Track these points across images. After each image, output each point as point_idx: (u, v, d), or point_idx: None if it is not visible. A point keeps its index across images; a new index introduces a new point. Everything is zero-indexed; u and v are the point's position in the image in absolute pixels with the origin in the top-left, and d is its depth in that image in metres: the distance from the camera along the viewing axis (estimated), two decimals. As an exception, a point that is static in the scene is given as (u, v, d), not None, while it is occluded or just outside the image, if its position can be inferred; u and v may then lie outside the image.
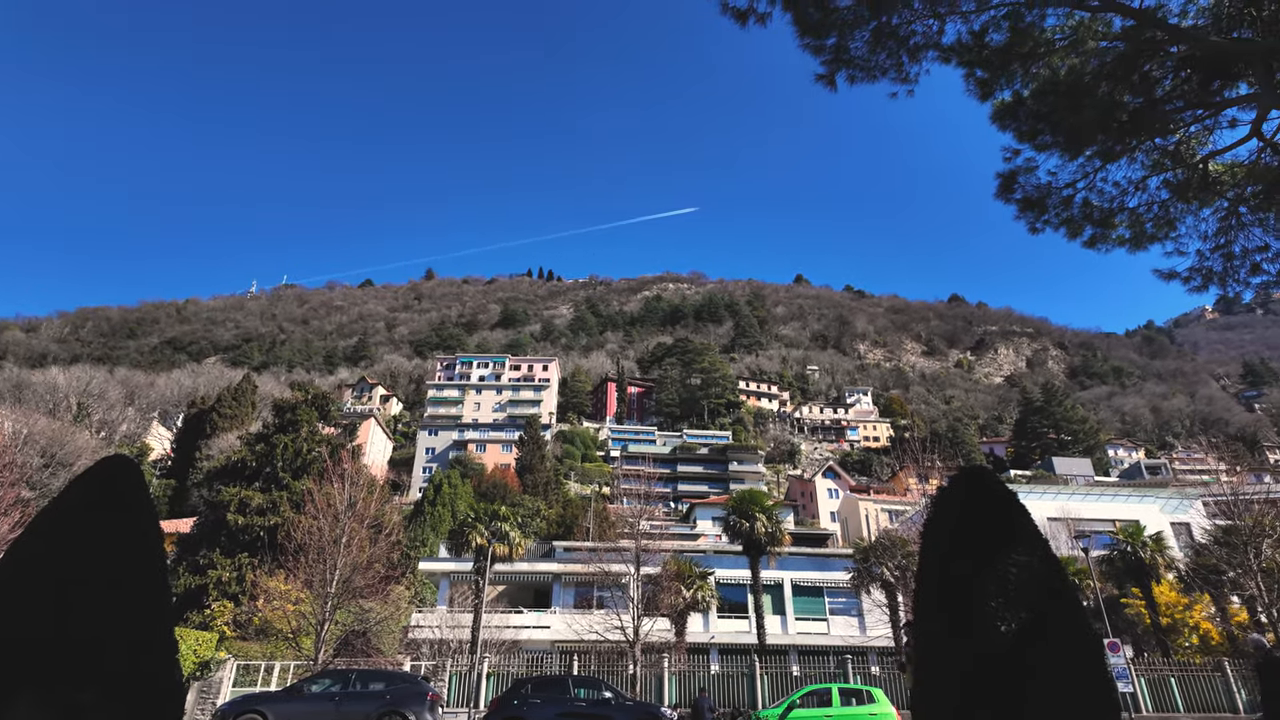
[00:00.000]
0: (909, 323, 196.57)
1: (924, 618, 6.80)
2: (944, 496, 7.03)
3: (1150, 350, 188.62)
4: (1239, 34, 9.58)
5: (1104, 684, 6.06)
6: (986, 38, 10.24)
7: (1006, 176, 11.55)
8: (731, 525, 31.68)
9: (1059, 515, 36.05)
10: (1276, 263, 10.76)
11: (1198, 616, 24.94)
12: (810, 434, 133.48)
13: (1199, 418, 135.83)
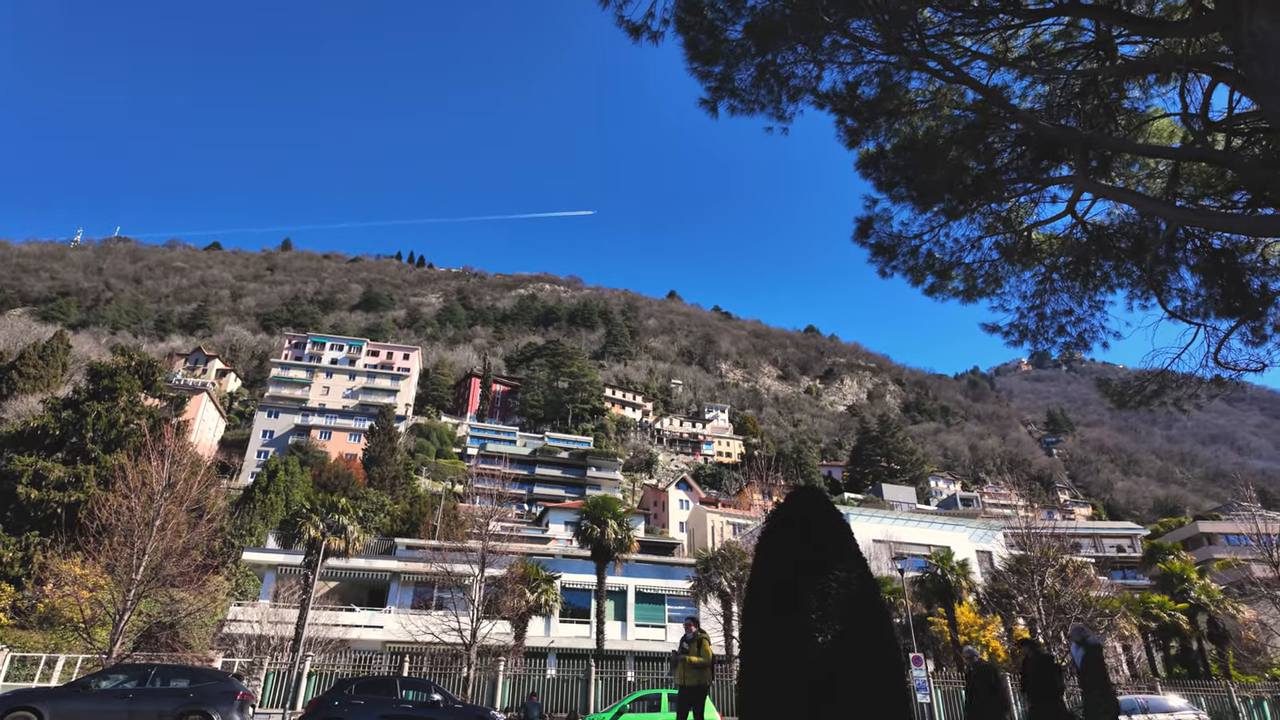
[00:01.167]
0: (768, 347, 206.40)
1: (751, 625, 7.14)
2: (779, 512, 7.44)
3: (974, 394, 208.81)
4: (1066, 121, 10.90)
5: (903, 695, 6.61)
6: (859, 90, 10.99)
7: (864, 222, 12.39)
8: (583, 530, 31.82)
9: (883, 538, 39.06)
10: (1078, 326, 12.17)
11: (989, 635, 27.93)
12: (669, 445, 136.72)
13: (1008, 457, 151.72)
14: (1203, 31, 8.24)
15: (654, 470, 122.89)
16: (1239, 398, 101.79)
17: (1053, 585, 22.72)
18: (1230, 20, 6.66)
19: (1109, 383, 11.75)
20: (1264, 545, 27.78)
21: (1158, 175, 10.91)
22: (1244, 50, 6.48)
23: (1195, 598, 30.71)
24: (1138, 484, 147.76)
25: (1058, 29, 10.48)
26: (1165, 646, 32.53)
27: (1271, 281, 10.73)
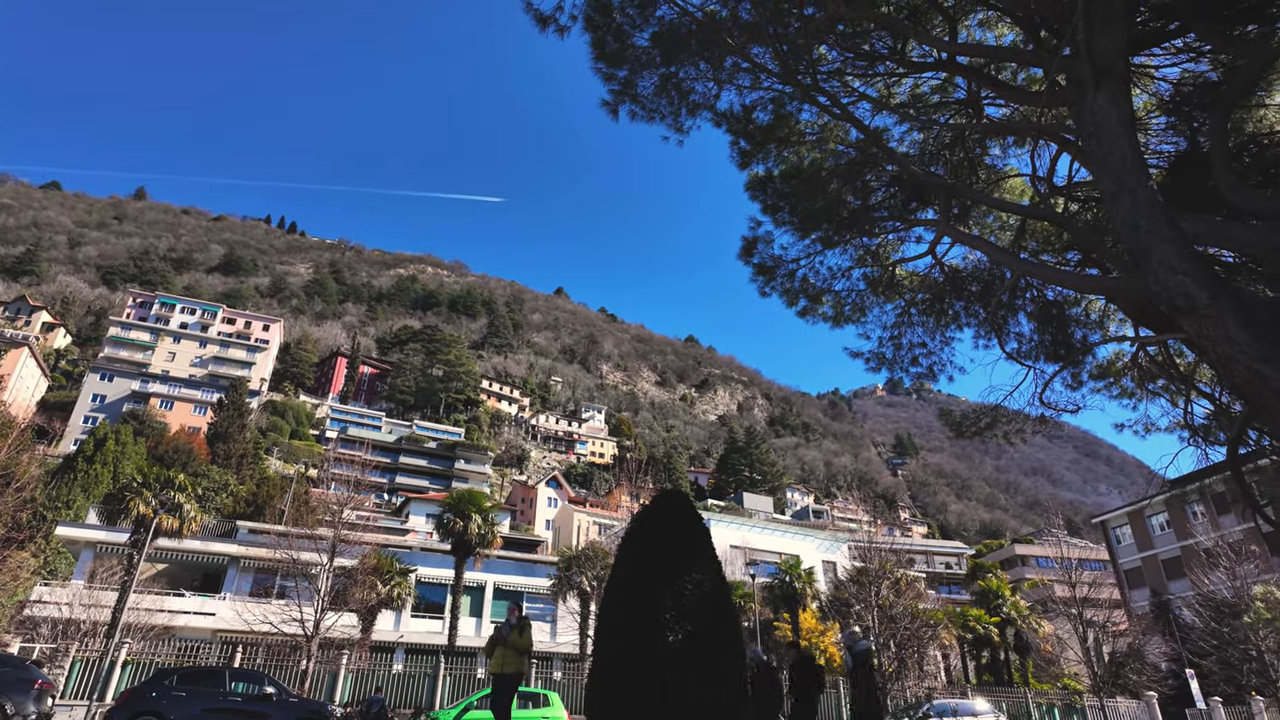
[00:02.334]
0: (650, 353, 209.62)
1: (605, 623, 7.23)
2: (643, 514, 7.59)
3: (833, 413, 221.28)
4: (935, 169, 11.81)
5: (743, 695, 6.91)
6: (754, 114, 11.43)
7: (749, 242, 12.86)
8: (445, 523, 30.97)
9: (740, 544, 40.60)
10: (929, 359, 13.16)
11: (828, 641, 29.79)
12: (543, 442, 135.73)
13: (858, 475, 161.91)
14: (1055, 104, 9.19)
15: (525, 466, 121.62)
16: (1058, 436, 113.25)
17: (887, 596, 24.57)
18: (1077, 97, 7.46)
19: (950, 413, 12.79)
20: (1065, 568, 31.30)
21: (1008, 228, 12.04)
22: (1084, 126, 7.29)
23: (1006, 613, 34.12)
24: (968, 508, 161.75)
25: (935, 83, 11.35)
26: (978, 656, 35.87)
27: (1091, 334, 12.11)
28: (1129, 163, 6.92)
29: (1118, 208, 6.86)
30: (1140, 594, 49.10)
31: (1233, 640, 27.19)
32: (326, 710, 15.36)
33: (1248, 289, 8.86)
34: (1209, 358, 6.76)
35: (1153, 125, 10.85)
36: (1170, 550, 47.58)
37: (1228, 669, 28.20)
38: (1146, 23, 9.19)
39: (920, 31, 9.33)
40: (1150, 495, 45.74)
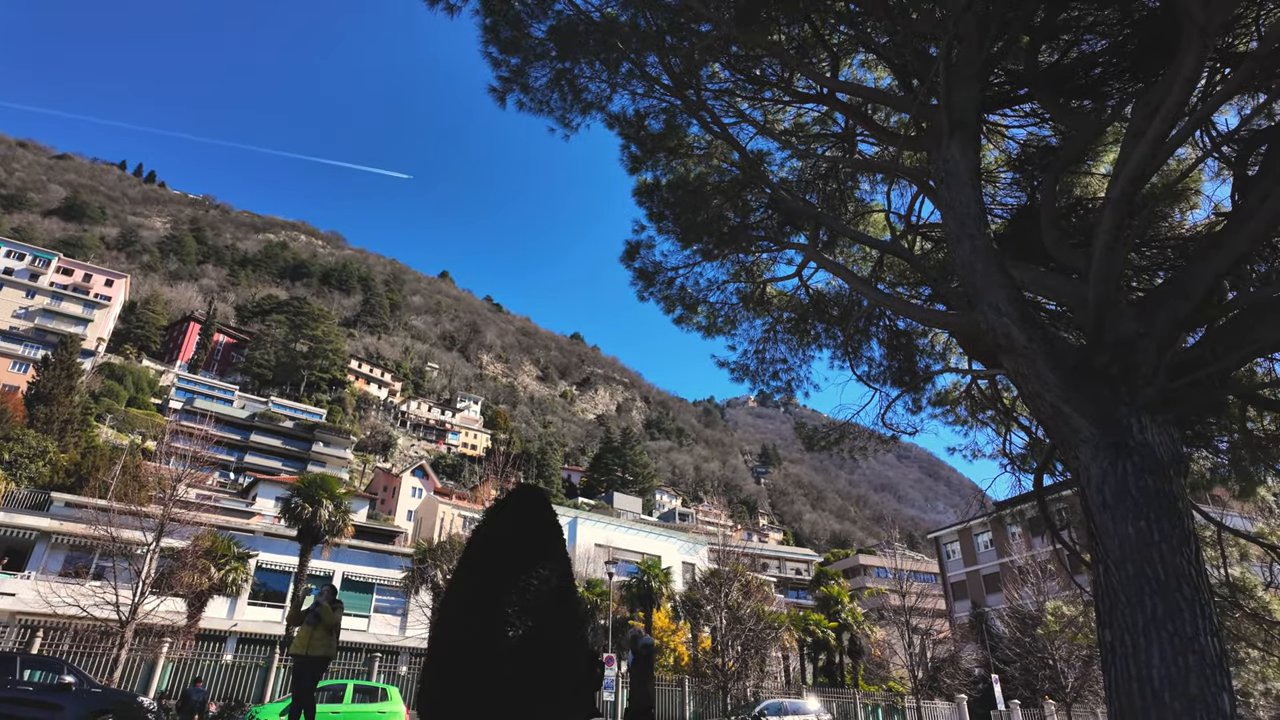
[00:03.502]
0: (534, 347, 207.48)
1: (446, 614, 7.09)
2: (496, 508, 7.51)
3: (706, 420, 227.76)
4: (810, 196, 12.43)
5: (588, 692, 6.97)
6: (646, 121, 11.60)
7: (632, 246, 13.00)
8: (292, 508, 29.23)
9: (605, 543, 40.96)
10: (789, 374, 13.79)
11: (678, 640, 30.61)
12: (412, 430, 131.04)
13: (724, 481, 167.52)
14: (917, 149, 9.93)
15: (391, 454, 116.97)
16: (905, 455, 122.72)
17: (736, 598, 25.56)
18: (934, 145, 8.09)
19: (804, 426, 13.49)
20: (899, 578, 33.84)
21: (869, 259, 12.86)
22: (938, 172, 7.91)
23: (844, 618, 36.44)
24: (821, 518, 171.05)
25: (817, 114, 11.95)
26: (815, 658, 38.06)
27: (934, 364, 13.14)
28: (972, 210, 7.58)
29: (959, 250, 7.50)
30: (963, 605, 53.75)
31: (1033, 649, 30.35)
32: (135, 702, 14.12)
33: (1061, 335, 9.92)
34: (1024, 394, 7.50)
35: (1001, 178, 11.95)
36: (991, 566, 52.41)
37: (1027, 675, 31.43)
38: (1002, 85, 10.11)
39: (806, 64, 9.79)
40: (973, 516, 50.28)
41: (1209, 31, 5.86)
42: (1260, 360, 9.48)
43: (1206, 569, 9.68)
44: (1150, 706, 5.62)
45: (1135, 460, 6.36)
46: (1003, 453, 12.25)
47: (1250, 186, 7.76)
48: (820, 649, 36.25)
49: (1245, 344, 6.93)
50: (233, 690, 20.75)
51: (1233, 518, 17.52)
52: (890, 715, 30.34)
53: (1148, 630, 5.86)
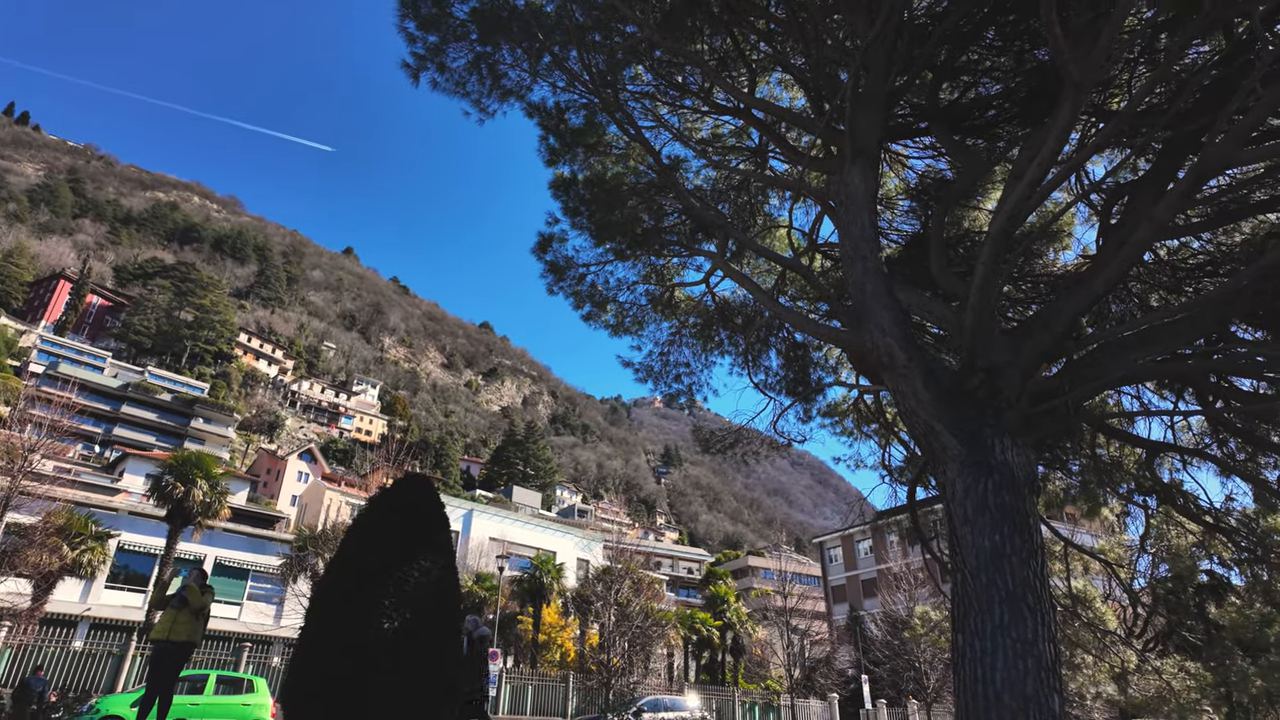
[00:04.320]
0: (440, 333, 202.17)
1: (320, 604, 6.84)
2: (381, 496, 7.30)
3: (612, 418, 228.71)
4: (722, 207, 12.72)
5: (453, 688, 6.88)
6: (566, 115, 11.55)
7: (545, 239, 12.91)
8: (163, 487, 27.29)
9: (500, 536, 40.45)
10: (691, 378, 14.06)
11: (565, 636, 30.64)
12: (303, 411, 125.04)
13: (626, 480, 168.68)
14: (823, 170, 10.33)
15: (278, 435, 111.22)
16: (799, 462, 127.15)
17: (627, 595, 25.84)
18: (837, 168, 8.45)
19: (702, 429, 13.79)
20: (783, 580, 35.13)
21: (774, 272, 13.29)
22: (839, 195, 8.27)
23: (729, 618, 37.49)
24: (716, 519, 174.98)
25: (733, 127, 12.25)
26: (699, 656, 38.96)
27: (826, 377, 13.71)
28: (867, 234, 7.98)
29: (852, 271, 7.88)
30: (842, 608, 56.27)
31: (901, 652, 32.17)
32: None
33: (940, 358, 10.57)
34: (902, 410, 7.94)
35: (899, 205, 12.60)
36: (869, 572, 55.12)
37: (895, 676, 33.28)
38: (905, 117, 10.67)
39: (725, 78, 10.01)
40: (854, 524, 52.75)
41: (1084, 88, 6.40)
42: (1110, 392, 10.41)
43: (1053, 581, 10.51)
44: (991, 706, 6.08)
45: (995, 478, 6.86)
46: (883, 464, 12.95)
47: (1111, 234, 8.52)
48: (704, 647, 37.16)
49: (1097, 377, 7.60)
50: (81, 679, 19.20)
51: (1082, 535, 19.12)
52: (766, 713, 31.44)
53: (995, 635, 6.33)
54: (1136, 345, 7.82)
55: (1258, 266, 6.84)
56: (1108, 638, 14.42)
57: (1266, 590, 12.40)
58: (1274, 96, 6.43)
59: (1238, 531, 9.92)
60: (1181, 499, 10.12)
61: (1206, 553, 11.56)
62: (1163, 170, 8.07)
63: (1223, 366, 8.54)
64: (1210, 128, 6.76)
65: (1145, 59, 8.51)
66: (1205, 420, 9.69)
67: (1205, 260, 9.80)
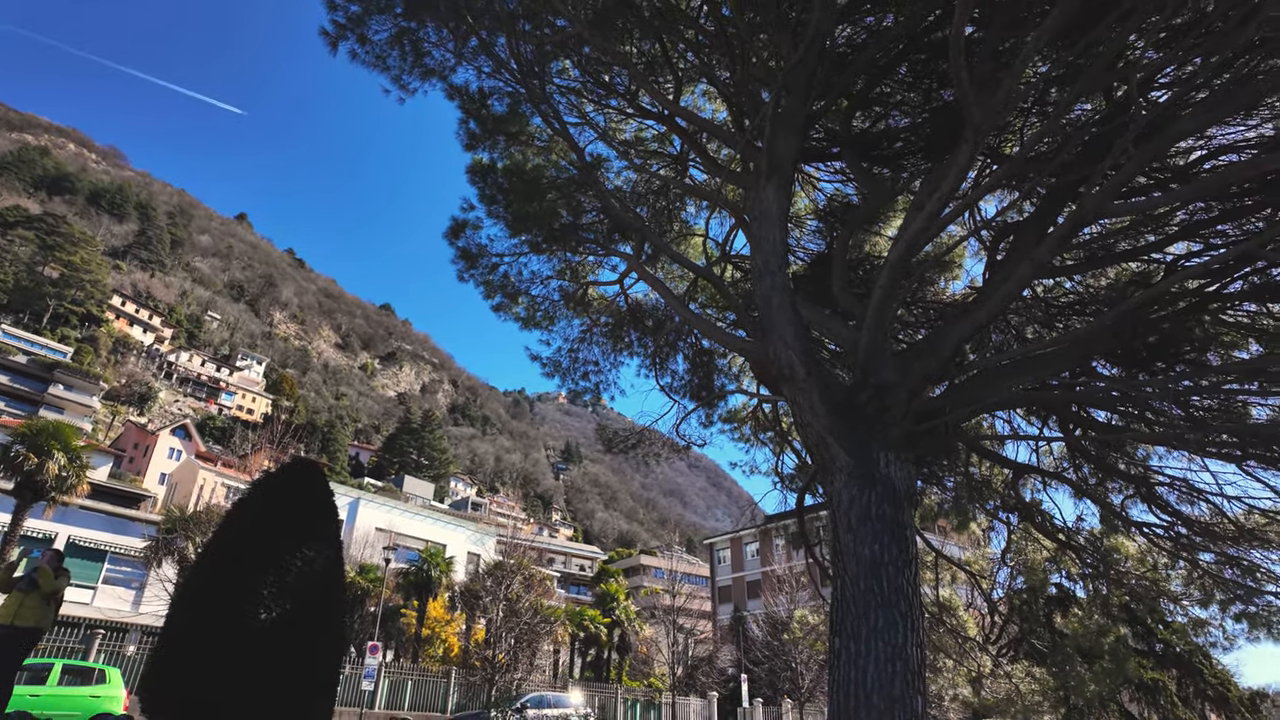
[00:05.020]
0: (336, 311, 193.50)
1: (192, 590, 6.45)
2: (265, 481, 6.95)
3: (514, 411, 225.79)
4: (640, 209, 12.83)
5: (332, 679, 6.64)
6: (489, 101, 11.34)
7: (459, 224, 12.64)
8: (12, 457, 24.81)
9: (387, 527, 39.14)
10: (599, 376, 14.11)
11: (450, 631, 30.03)
12: (180, 384, 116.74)
13: (524, 475, 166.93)
14: (740, 184, 10.61)
15: (150, 408, 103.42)
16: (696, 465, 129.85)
17: (516, 591, 25.62)
18: (754, 183, 8.70)
19: (605, 428, 13.87)
20: (673, 579, 35.75)
21: (686, 279, 13.53)
22: (753, 210, 8.52)
23: (618, 616, 37.80)
24: (612, 517, 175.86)
25: (656, 132, 12.38)
26: (585, 653, 39.09)
27: (729, 384, 14.08)
28: (777, 249, 8.26)
29: (760, 285, 8.14)
30: (726, 608, 57.80)
31: (780, 653, 33.40)
32: None
33: (835, 373, 11.07)
34: (798, 421, 8.27)
35: (807, 224, 13.11)
36: (755, 574, 56.89)
37: (772, 676, 34.51)
38: (820, 140, 11.11)
39: (651, 83, 10.10)
40: (744, 527, 54.46)
41: (983, 131, 6.87)
42: (985, 415, 11.21)
43: (923, 589, 11.19)
44: (862, 705, 6.43)
45: (878, 490, 7.26)
46: (776, 471, 13.44)
47: (997, 268, 9.19)
48: (592, 644, 37.31)
49: (975, 401, 8.17)
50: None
51: (951, 546, 20.45)
52: (648, 710, 31.91)
53: (869, 639, 6.70)
54: (1011, 374, 8.48)
55: (1119, 310, 7.54)
56: (967, 644, 15.50)
57: (1104, 603, 13.68)
58: (1144, 157, 7.11)
59: (1085, 549, 10.88)
60: (1039, 517, 11.02)
61: (1057, 567, 12.63)
62: (1045, 214, 8.77)
63: (1083, 398, 9.37)
64: (1088, 180, 7.41)
65: (1037, 110, 9.21)
66: (1065, 446, 10.59)
67: (1075, 300, 10.72)
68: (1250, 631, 9.90)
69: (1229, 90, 7.20)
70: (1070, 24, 6.77)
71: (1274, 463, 8.28)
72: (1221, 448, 8.40)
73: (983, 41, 7.79)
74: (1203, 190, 7.88)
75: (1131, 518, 9.88)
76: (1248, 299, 8.69)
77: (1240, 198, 8.22)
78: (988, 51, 7.66)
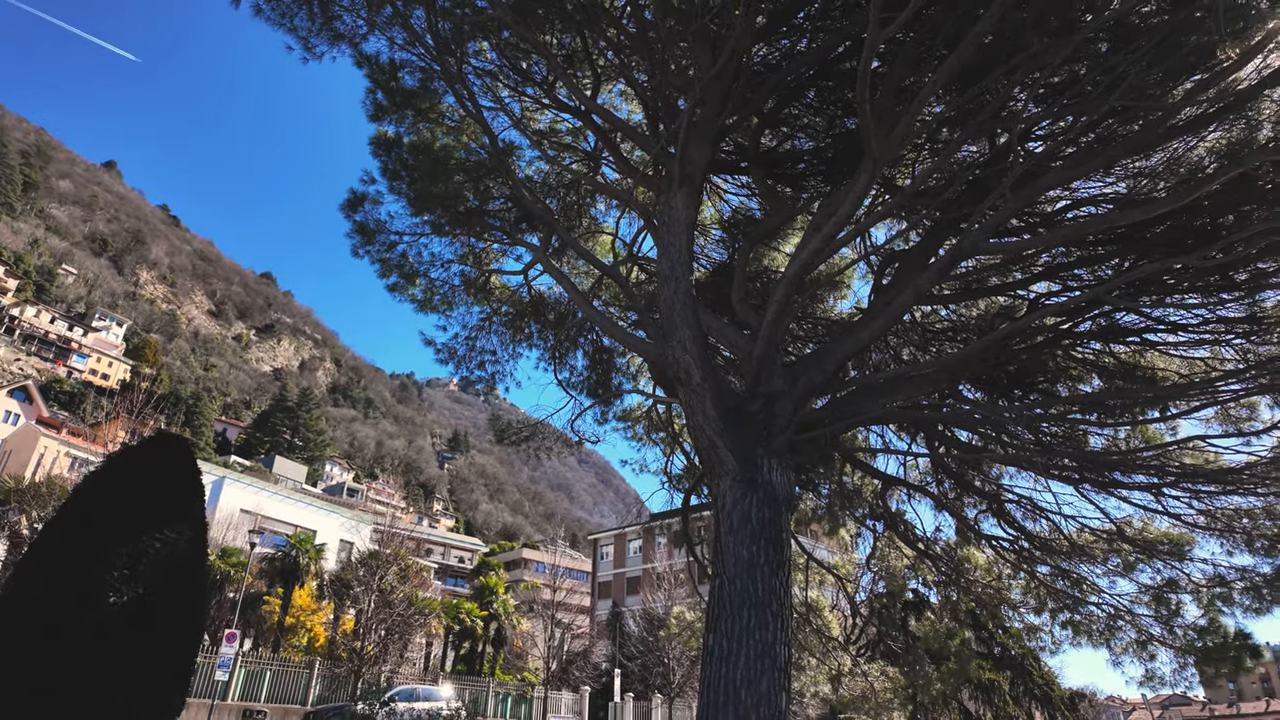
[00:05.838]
0: (211, 276, 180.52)
1: (28, 570, 5.89)
2: (123, 455, 6.43)
3: (401, 395, 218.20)
4: (550, 201, 12.75)
5: (181, 673, 6.24)
6: (401, 74, 10.94)
7: (357, 197, 12.11)
8: None
9: (254, 509, 36.94)
10: (495, 366, 13.89)
11: (316, 621, 28.68)
12: (24, 342, 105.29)
13: (407, 462, 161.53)
14: (651, 187, 10.76)
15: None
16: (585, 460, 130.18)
17: (391, 582, 24.80)
18: (665, 189, 8.85)
19: (499, 419, 13.71)
20: (555, 574, 35.70)
21: (591, 276, 13.56)
22: (662, 215, 8.67)
23: (496, 609, 37.34)
24: (496, 509, 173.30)
25: (571, 126, 12.34)
26: (460, 646, 38.38)
27: (626, 383, 14.23)
28: (682, 256, 8.44)
29: (664, 289, 8.30)
30: (606, 604, 58.26)
31: (654, 648, 34.03)
32: None
33: (729, 380, 11.43)
34: (690, 424, 8.50)
35: (713, 233, 13.46)
36: (636, 570, 57.64)
37: (646, 671, 35.10)
38: (729, 154, 11.43)
39: (570, 77, 10.08)
40: (630, 523, 55.15)
41: (880, 162, 7.30)
42: (861, 429, 11.89)
43: (794, 590, 11.73)
44: (730, 701, 6.68)
45: (761, 494, 7.56)
46: (665, 471, 13.71)
47: (882, 292, 9.77)
48: (467, 637, 36.64)
49: (854, 415, 8.66)
50: None
51: (821, 550, 21.50)
52: (519, 704, 31.71)
53: (741, 637, 6.97)
54: (887, 391, 9.05)
55: (986, 339, 8.22)
56: (830, 643, 16.36)
57: (954, 609, 14.81)
58: (1018, 202, 7.77)
59: (940, 558, 11.74)
60: (902, 527, 11.80)
61: (915, 574, 13.55)
62: (929, 245, 9.41)
63: (949, 418, 10.12)
64: (970, 217, 8.03)
65: (929, 147, 9.87)
66: (930, 461, 11.40)
67: (948, 327, 11.56)
68: (1074, 637, 10.99)
69: (1092, 149, 7.99)
70: (965, 70, 7.30)
71: (1105, 487, 9.26)
72: (1063, 471, 9.31)
73: (887, 76, 8.27)
74: (1064, 237, 8.70)
75: (983, 531, 10.75)
76: (1094, 338, 9.67)
77: (1095, 246, 9.14)
78: (891, 87, 8.14)
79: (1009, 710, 28.14)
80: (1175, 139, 7.60)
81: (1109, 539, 9.54)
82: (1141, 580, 9.78)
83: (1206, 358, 9.17)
